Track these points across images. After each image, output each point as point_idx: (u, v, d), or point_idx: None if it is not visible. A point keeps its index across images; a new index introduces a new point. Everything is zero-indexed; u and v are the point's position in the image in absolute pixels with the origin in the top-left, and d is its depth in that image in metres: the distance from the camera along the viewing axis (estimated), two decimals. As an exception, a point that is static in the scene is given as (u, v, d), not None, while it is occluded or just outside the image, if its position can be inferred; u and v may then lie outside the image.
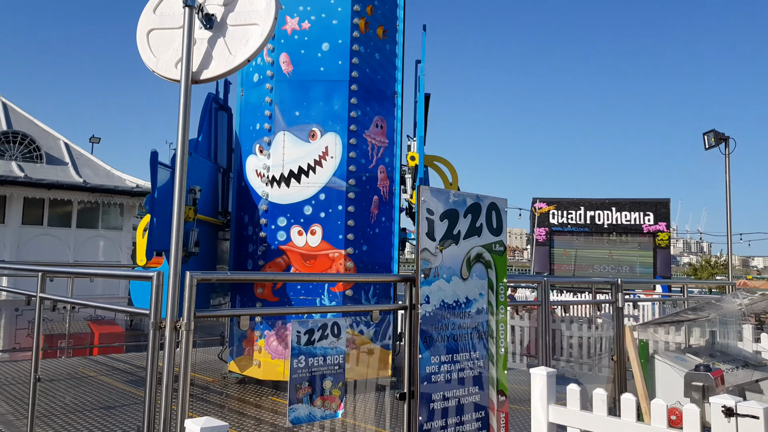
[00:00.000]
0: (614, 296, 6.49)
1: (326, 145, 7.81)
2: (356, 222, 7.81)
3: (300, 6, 8.09)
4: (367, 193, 7.98)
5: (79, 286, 10.03)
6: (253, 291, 7.72)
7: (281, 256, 7.69)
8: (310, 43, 8.01)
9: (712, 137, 12.51)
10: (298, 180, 7.75)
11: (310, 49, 8.01)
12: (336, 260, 7.66)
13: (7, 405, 6.75)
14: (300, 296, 7.59)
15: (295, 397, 3.49)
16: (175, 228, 3.31)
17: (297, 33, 8.04)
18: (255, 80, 8.32)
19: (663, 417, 3.47)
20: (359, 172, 7.91)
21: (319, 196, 7.73)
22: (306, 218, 7.70)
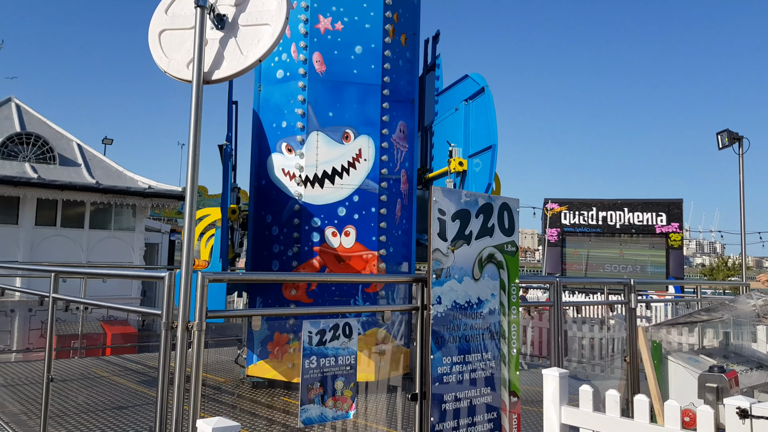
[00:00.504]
0: (627, 297, 6.45)
1: (360, 148, 7.92)
2: (387, 224, 8.00)
3: (333, 6, 8.12)
4: (394, 196, 8.16)
5: (91, 286, 10.09)
6: (282, 293, 7.71)
7: (315, 258, 7.69)
8: (343, 44, 8.08)
9: (726, 137, 12.39)
10: (332, 181, 7.81)
11: (343, 51, 8.08)
12: (370, 261, 7.75)
13: (20, 405, 6.80)
14: (335, 297, 7.65)
15: (306, 398, 3.49)
16: (187, 229, 3.31)
17: (330, 33, 8.09)
18: (279, 77, 8.23)
19: (677, 418, 3.43)
20: (389, 175, 8.10)
21: (353, 198, 7.83)
22: (340, 219, 7.77)
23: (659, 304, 14.48)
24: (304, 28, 8.03)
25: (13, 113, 20.91)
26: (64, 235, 19.37)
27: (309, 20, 8.04)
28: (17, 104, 21.42)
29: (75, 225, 19.65)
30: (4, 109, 21.09)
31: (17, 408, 6.63)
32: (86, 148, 21.53)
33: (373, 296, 7.77)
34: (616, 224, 21.44)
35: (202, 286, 3.15)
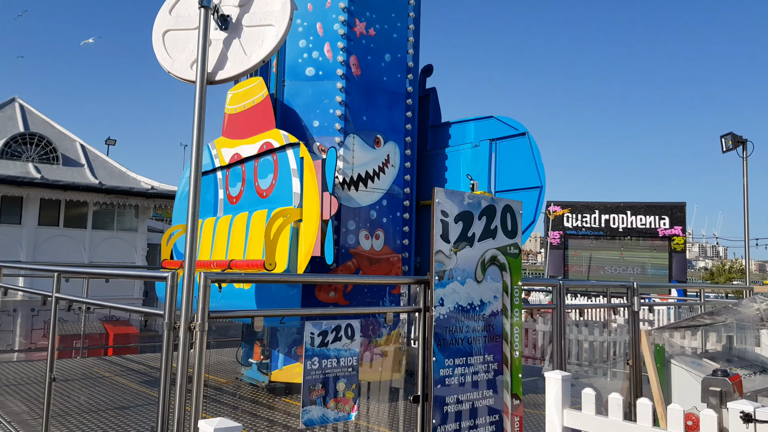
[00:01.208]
0: (630, 300, 6.43)
1: (388, 153, 8.18)
2: (409, 228, 8.34)
3: (367, 11, 8.29)
4: (412, 202, 8.51)
5: (94, 286, 10.09)
6: (316, 295, 7.67)
7: (351, 260, 7.76)
8: (375, 50, 8.30)
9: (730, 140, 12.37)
10: (366, 184, 7.95)
11: (375, 57, 8.30)
12: (395, 264, 7.98)
13: (23, 404, 6.80)
14: (367, 299, 7.84)
15: (308, 399, 3.48)
16: (190, 227, 3.31)
17: (365, 38, 8.25)
18: (310, 74, 8.17)
19: (680, 422, 3.42)
20: (410, 182, 8.42)
21: (382, 202, 8.04)
22: (371, 222, 7.93)
23: (662, 308, 14.45)
24: (341, 29, 8.14)
25: (16, 113, 20.98)
26: (67, 235, 19.41)
27: (346, 22, 8.18)
28: (21, 104, 21.49)
29: (78, 225, 19.69)
30: (7, 110, 21.16)
31: (19, 408, 6.63)
32: (89, 149, 21.58)
33: (397, 297, 8.03)
34: (619, 227, 21.39)
35: (205, 287, 3.15)
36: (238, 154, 7.97)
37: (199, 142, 3.44)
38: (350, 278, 7.60)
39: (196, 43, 3.60)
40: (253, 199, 7.55)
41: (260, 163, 7.59)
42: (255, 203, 7.48)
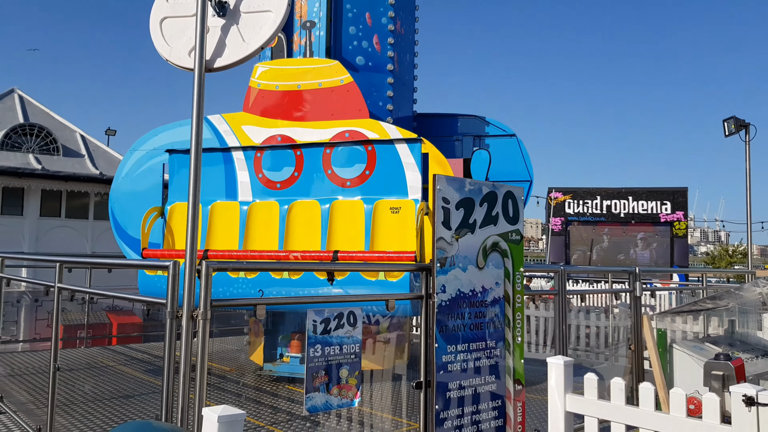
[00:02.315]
0: (632, 285, 6.43)
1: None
2: None
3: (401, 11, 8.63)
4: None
5: (96, 277, 10.12)
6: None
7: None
8: (404, 49, 8.70)
9: (732, 124, 12.31)
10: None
11: (402, 56, 8.64)
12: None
13: (28, 394, 6.85)
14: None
15: (311, 386, 3.49)
16: (191, 216, 3.31)
17: (400, 36, 8.58)
18: (359, 63, 8.18)
19: (682, 406, 3.43)
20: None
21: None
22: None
23: (664, 293, 14.45)
24: (390, 24, 8.42)
25: (16, 104, 20.94)
26: (69, 225, 19.44)
27: (395, 18, 8.49)
28: (20, 95, 21.43)
29: (79, 216, 19.71)
30: (7, 101, 21.12)
31: (24, 397, 6.68)
32: (89, 139, 21.55)
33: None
34: (621, 213, 21.36)
35: (207, 276, 3.15)
36: (284, 136, 7.54)
37: (198, 130, 3.43)
38: (354, 266, 7.59)
39: (194, 30, 3.57)
40: (324, 187, 7.11)
41: (337, 150, 7.15)
42: (327, 191, 7.07)
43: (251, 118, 7.67)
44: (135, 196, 7.93)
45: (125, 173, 8.13)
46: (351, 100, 7.43)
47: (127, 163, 8.17)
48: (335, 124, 7.40)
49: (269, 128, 7.61)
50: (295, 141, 7.41)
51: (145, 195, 7.85)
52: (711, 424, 3.29)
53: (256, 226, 7.13)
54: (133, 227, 7.72)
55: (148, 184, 7.95)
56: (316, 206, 6.93)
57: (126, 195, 8.01)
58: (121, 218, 7.93)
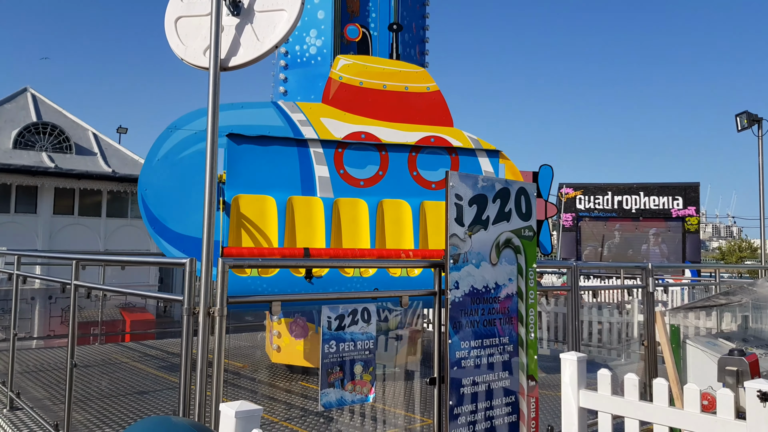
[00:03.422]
0: (645, 281, 6.42)
1: None
2: None
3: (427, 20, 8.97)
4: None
5: (110, 274, 10.21)
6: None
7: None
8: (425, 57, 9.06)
9: (745, 119, 12.24)
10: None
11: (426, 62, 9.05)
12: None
13: (44, 390, 6.93)
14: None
15: (326, 382, 3.52)
16: (207, 214, 3.34)
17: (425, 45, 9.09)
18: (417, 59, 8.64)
19: (696, 401, 3.42)
20: None
21: None
22: None
23: (676, 289, 14.39)
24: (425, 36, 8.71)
25: (29, 103, 21.10)
26: (82, 223, 19.60)
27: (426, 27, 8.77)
28: (33, 94, 21.60)
29: (92, 213, 19.87)
30: (20, 99, 21.29)
31: (41, 393, 6.76)
32: (102, 137, 21.70)
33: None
34: (632, 208, 21.26)
35: (223, 272, 3.18)
36: (369, 134, 7.53)
37: (214, 128, 3.46)
38: (367, 262, 7.61)
39: (209, 29, 3.60)
40: (410, 188, 7.23)
41: (423, 154, 7.43)
42: (413, 193, 7.21)
43: (331, 110, 7.54)
44: (180, 184, 6.89)
45: (163, 155, 6.98)
46: (436, 107, 7.72)
47: (166, 143, 6.98)
48: (420, 128, 7.57)
49: (352, 124, 7.54)
50: (380, 140, 7.45)
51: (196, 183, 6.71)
52: (725, 420, 3.28)
53: (344, 223, 7.05)
54: (177, 221, 6.79)
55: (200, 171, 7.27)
56: (406, 206, 7.07)
57: (166, 182, 6.92)
58: (158, 210, 6.82)
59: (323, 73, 7.91)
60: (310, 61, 8.16)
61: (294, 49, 8.17)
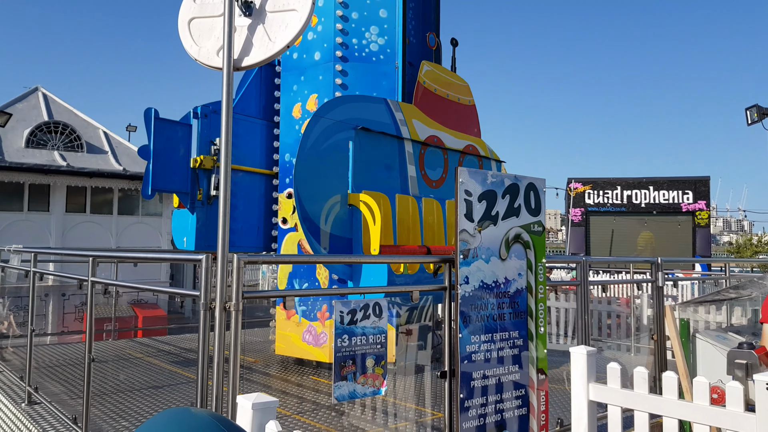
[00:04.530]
0: (654, 275, 6.44)
1: None
2: None
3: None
4: None
5: (122, 270, 10.33)
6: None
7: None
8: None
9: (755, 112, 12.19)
10: None
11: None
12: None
13: (60, 385, 7.05)
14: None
15: (339, 375, 3.58)
16: (222, 212, 3.41)
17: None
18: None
19: (706, 394, 3.46)
20: None
21: None
22: None
23: (686, 283, 14.36)
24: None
25: (40, 102, 21.30)
26: (94, 221, 19.79)
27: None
28: (44, 93, 21.79)
29: (104, 211, 20.06)
30: (31, 99, 21.49)
31: (57, 388, 6.88)
32: (112, 136, 21.87)
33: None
34: (642, 203, 21.20)
35: (238, 268, 3.26)
36: (438, 138, 7.94)
37: (228, 127, 3.52)
38: (379, 258, 7.69)
39: (222, 30, 3.66)
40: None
41: (465, 160, 8.13)
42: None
43: (418, 113, 7.90)
44: (322, 177, 6.70)
45: (312, 144, 6.69)
46: (474, 119, 8.62)
47: (314, 131, 6.74)
48: (465, 137, 8.27)
49: (429, 127, 7.94)
50: (445, 145, 7.99)
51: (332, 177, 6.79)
52: (734, 412, 3.32)
53: (428, 222, 7.35)
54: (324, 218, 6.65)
55: (335, 164, 6.83)
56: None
57: (313, 174, 6.61)
58: (309, 205, 6.49)
59: (385, 71, 8.15)
60: (371, 58, 8.19)
61: (352, 43, 8.11)
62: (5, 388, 7.00)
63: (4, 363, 7.98)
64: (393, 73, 8.20)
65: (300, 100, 8.25)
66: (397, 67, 8.32)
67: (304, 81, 8.26)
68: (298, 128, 8.13)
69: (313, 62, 8.19)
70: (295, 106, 8.28)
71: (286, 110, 8.42)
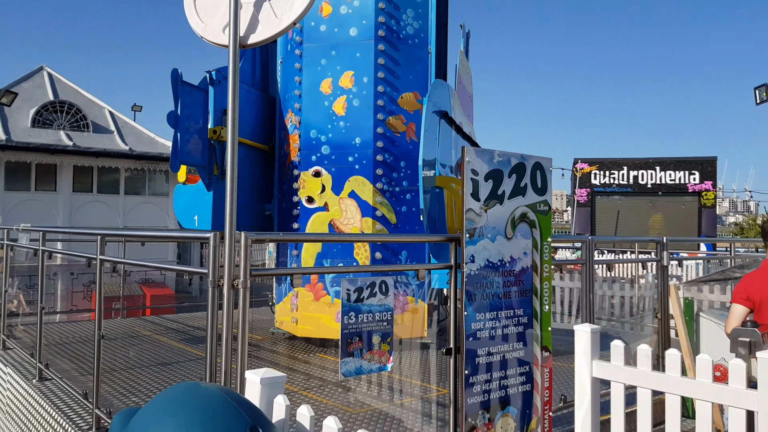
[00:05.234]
0: (659, 254, 6.46)
1: None
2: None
3: None
4: None
5: (130, 250, 10.41)
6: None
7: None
8: None
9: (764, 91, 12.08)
10: None
11: None
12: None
13: (70, 362, 7.15)
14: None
15: (346, 352, 3.63)
16: (229, 192, 3.43)
17: None
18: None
19: (708, 371, 3.48)
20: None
21: None
22: None
23: (691, 263, 14.37)
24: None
25: (45, 82, 21.27)
26: (101, 200, 19.89)
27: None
28: (49, 73, 21.75)
29: (111, 191, 20.15)
30: (36, 78, 21.47)
31: (67, 365, 6.98)
32: (118, 115, 21.86)
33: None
34: (648, 183, 21.13)
35: (245, 246, 3.29)
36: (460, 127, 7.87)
37: (234, 104, 3.53)
38: (385, 236, 7.75)
39: (228, 7, 3.65)
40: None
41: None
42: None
43: (457, 101, 7.82)
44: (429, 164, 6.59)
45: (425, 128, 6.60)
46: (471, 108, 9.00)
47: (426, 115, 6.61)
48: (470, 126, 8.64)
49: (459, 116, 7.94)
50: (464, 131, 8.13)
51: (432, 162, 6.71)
52: (736, 389, 3.35)
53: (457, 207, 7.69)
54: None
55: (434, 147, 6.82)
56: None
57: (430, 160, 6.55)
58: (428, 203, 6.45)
59: (419, 55, 8.17)
60: (407, 41, 8.15)
61: (391, 23, 8.01)
62: (16, 364, 7.11)
63: (15, 340, 8.09)
64: (426, 58, 8.25)
65: (330, 75, 7.98)
66: (429, 52, 8.32)
67: (335, 56, 7.97)
68: (327, 105, 7.94)
69: (347, 38, 7.93)
70: (324, 82, 8.00)
71: (311, 85, 8.08)
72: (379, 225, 7.77)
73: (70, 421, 5.16)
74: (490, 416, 4.11)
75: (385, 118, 7.91)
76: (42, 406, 5.76)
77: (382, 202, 7.78)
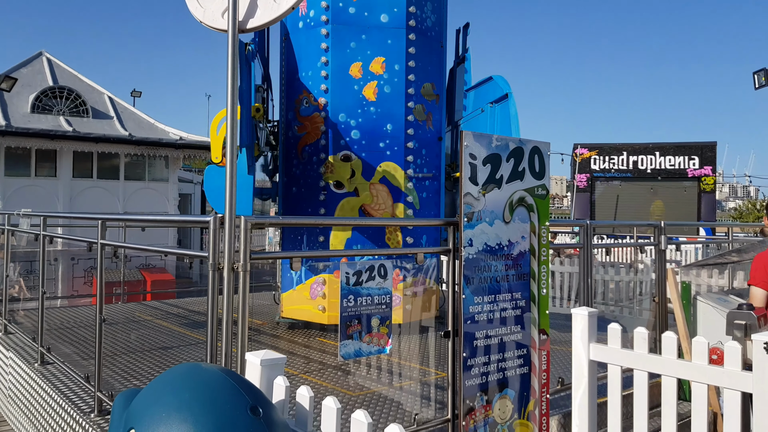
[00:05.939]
0: (657, 239, 6.49)
1: None
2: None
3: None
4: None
5: (130, 235, 10.43)
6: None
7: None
8: None
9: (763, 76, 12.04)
10: None
11: None
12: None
13: (72, 346, 7.21)
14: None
15: (345, 334, 3.67)
16: (229, 176, 3.45)
17: None
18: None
19: (704, 354, 3.52)
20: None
21: None
22: None
23: (689, 247, 14.41)
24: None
25: (45, 67, 21.17)
26: (101, 186, 19.88)
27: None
28: (48, 58, 21.64)
29: (111, 176, 20.13)
30: (35, 64, 21.36)
31: (69, 349, 7.04)
32: (117, 101, 21.79)
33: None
34: (647, 169, 21.12)
35: (245, 230, 3.31)
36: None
37: (234, 90, 3.54)
38: (386, 221, 7.78)
39: (226, -9, 3.64)
40: None
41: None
42: None
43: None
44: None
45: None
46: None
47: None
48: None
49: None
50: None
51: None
52: (732, 371, 3.38)
53: None
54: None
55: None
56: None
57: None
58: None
59: (435, 48, 8.39)
60: (427, 33, 8.18)
61: (417, 13, 8.02)
62: (18, 349, 7.17)
63: (17, 325, 8.14)
64: (440, 51, 8.42)
65: (360, 59, 7.85)
66: (442, 45, 8.42)
67: (365, 40, 7.84)
68: (357, 89, 7.83)
69: (378, 23, 7.87)
70: (354, 65, 7.85)
71: (338, 68, 7.89)
72: (410, 210, 7.95)
73: (72, 403, 5.22)
74: (488, 398, 4.16)
75: (414, 106, 8.01)
76: (44, 390, 5.82)
77: (410, 188, 7.95)
